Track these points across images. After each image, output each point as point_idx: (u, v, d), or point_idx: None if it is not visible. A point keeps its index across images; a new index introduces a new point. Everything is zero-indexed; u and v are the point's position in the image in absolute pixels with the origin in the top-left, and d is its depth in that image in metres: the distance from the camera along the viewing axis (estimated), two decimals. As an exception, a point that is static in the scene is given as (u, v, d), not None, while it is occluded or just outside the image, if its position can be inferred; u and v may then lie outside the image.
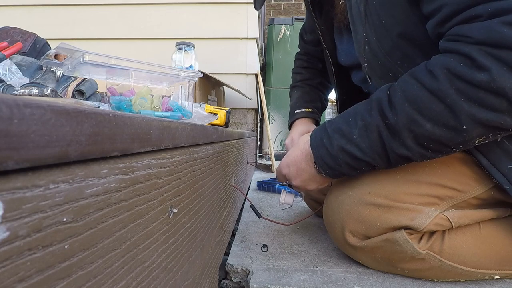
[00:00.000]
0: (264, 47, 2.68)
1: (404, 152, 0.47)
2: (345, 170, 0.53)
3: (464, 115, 0.41)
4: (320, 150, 0.55)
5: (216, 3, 1.87)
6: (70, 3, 1.87)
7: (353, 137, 0.50)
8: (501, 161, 0.49)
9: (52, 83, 0.67)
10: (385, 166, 0.51)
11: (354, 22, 0.58)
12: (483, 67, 0.39)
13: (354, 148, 0.50)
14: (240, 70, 1.91)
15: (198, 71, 0.75)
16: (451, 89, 0.41)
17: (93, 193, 0.17)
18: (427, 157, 0.48)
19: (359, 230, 0.55)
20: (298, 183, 0.63)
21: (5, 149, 0.11)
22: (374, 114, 0.48)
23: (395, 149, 0.47)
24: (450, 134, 0.43)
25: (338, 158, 0.52)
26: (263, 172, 1.74)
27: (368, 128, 0.49)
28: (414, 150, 0.46)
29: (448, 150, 0.46)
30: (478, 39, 0.39)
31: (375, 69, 0.59)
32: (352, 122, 0.51)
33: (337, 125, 0.53)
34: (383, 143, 0.48)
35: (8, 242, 0.11)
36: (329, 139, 0.53)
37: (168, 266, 0.28)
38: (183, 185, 0.32)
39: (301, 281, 0.52)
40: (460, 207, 0.53)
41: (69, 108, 0.14)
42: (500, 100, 0.39)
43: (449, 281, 0.54)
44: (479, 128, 0.42)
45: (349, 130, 0.51)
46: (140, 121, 0.21)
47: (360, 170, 0.53)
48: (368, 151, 0.49)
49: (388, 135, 0.47)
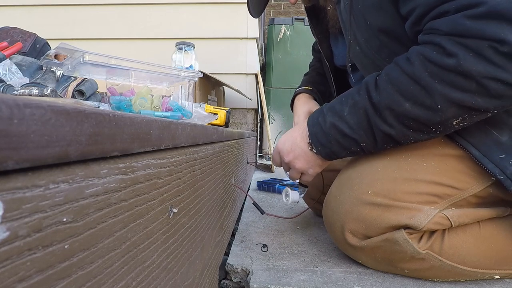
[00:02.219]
0: (264, 47, 2.68)
1: (387, 130, 0.51)
2: (335, 148, 0.57)
3: (438, 95, 0.46)
4: (315, 127, 0.59)
5: (216, 3, 1.87)
6: (70, 3, 1.87)
7: (343, 115, 0.55)
8: (492, 151, 0.50)
9: (52, 83, 0.67)
10: (372, 145, 0.55)
11: (345, 26, 0.63)
12: (452, 54, 0.44)
13: (344, 125, 0.55)
14: (240, 70, 1.91)
15: (198, 71, 0.75)
16: (424, 72, 0.46)
17: (93, 193, 0.17)
18: (410, 137, 0.52)
19: (359, 229, 0.55)
20: (290, 158, 0.65)
21: (5, 149, 0.11)
22: (362, 94, 0.53)
23: (379, 126, 0.52)
24: (427, 113, 0.48)
25: (330, 135, 0.57)
26: (263, 172, 1.74)
27: (356, 105, 0.54)
28: (396, 128, 0.51)
29: (429, 131, 0.50)
30: (446, 31, 0.45)
31: (368, 68, 0.63)
32: (344, 101, 0.56)
33: (332, 104, 0.59)
34: (368, 119, 0.52)
35: (8, 242, 0.11)
36: (323, 117, 0.58)
37: (168, 266, 0.28)
38: (183, 185, 0.32)
39: (301, 281, 0.52)
40: (459, 205, 0.53)
41: (69, 108, 0.14)
42: (469, 82, 0.44)
43: (449, 281, 0.54)
44: (453, 107, 0.46)
45: (341, 108, 0.56)
46: (140, 121, 0.21)
47: (349, 149, 0.57)
48: (355, 128, 0.54)
49: (373, 112, 0.52)
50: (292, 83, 2.44)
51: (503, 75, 0.42)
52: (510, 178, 0.49)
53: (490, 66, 0.42)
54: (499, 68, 0.42)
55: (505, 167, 0.49)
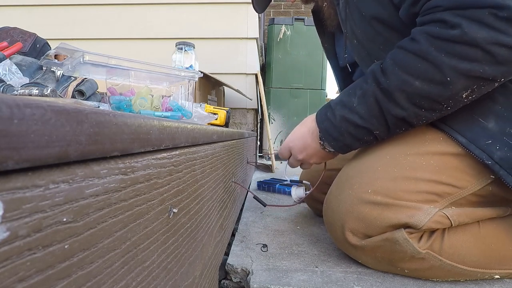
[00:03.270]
0: (264, 47, 2.68)
1: (400, 113, 0.52)
2: (348, 140, 0.58)
3: (447, 68, 0.47)
4: (325, 123, 0.60)
5: (216, 3, 1.86)
6: (70, 3, 1.87)
7: (353, 106, 0.55)
8: (479, 137, 0.51)
9: (52, 83, 0.67)
10: (385, 132, 0.55)
11: (344, 23, 0.65)
12: (455, 25, 0.45)
13: (355, 116, 0.55)
14: (240, 70, 1.91)
15: (198, 71, 0.75)
16: (430, 47, 0.47)
17: (93, 193, 0.17)
18: (422, 117, 0.52)
19: (359, 229, 0.55)
20: (303, 156, 0.67)
21: (5, 149, 0.11)
22: (370, 82, 0.54)
23: (391, 110, 0.52)
24: (437, 88, 0.48)
25: (341, 128, 0.57)
26: (263, 172, 1.74)
27: (365, 94, 0.54)
28: (409, 110, 0.51)
29: (440, 108, 0.51)
30: (446, 6, 0.47)
31: (365, 60, 0.65)
32: (352, 93, 0.57)
33: (339, 98, 0.59)
34: (379, 106, 0.53)
35: (8, 242, 0.11)
36: (332, 111, 0.59)
37: (168, 266, 0.28)
38: (183, 185, 0.32)
39: (301, 281, 0.52)
40: (459, 204, 0.53)
41: (69, 108, 0.14)
42: (475, 50, 0.45)
43: (449, 281, 0.54)
44: (462, 79, 0.47)
45: (349, 100, 0.56)
46: (140, 121, 0.21)
47: (362, 140, 0.57)
48: (367, 117, 0.54)
49: (383, 98, 0.52)
50: (292, 83, 2.44)
51: (506, 39, 0.43)
52: (498, 163, 0.49)
53: (492, 32, 0.44)
54: (501, 33, 0.43)
55: (492, 152, 0.50)
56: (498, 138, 0.50)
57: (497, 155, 0.49)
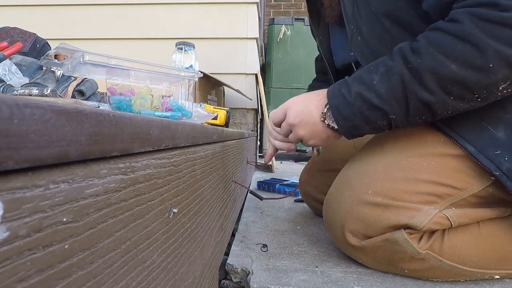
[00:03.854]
0: (264, 47, 2.68)
1: (427, 97, 0.47)
2: (359, 121, 0.52)
3: (491, 52, 0.42)
4: (337, 98, 0.53)
5: (216, 3, 1.87)
6: (70, 3, 1.87)
7: (372, 83, 0.50)
8: (488, 147, 0.50)
9: (52, 83, 0.67)
10: (402, 116, 0.50)
11: (348, 18, 0.62)
12: (509, 8, 0.41)
13: (373, 95, 0.50)
14: (240, 70, 1.91)
15: (198, 71, 0.75)
16: (475, 29, 0.43)
17: (93, 193, 0.17)
18: (449, 105, 0.48)
19: (359, 229, 0.55)
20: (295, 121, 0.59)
21: (5, 149, 0.11)
22: (397, 59, 0.49)
23: (417, 93, 0.47)
24: (475, 75, 0.44)
25: (355, 106, 0.51)
26: (263, 172, 1.74)
27: (389, 71, 0.49)
28: (437, 94, 0.47)
29: (471, 98, 0.47)
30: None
31: (368, 58, 0.61)
32: (374, 69, 0.51)
33: (358, 74, 0.53)
34: (404, 86, 0.48)
35: (8, 242, 0.11)
36: (348, 87, 0.53)
37: (168, 266, 0.28)
38: (183, 185, 0.32)
39: (301, 281, 0.53)
40: (459, 205, 0.53)
41: (69, 108, 0.14)
42: None
43: (449, 281, 0.54)
44: (505, 67, 0.43)
45: (369, 76, 0.51)
46: (140, 121, 0.21)
47: (374, 124, 0.52)
48: (387, 97, 0.49)
49: (410, 77, 0.47)
50: (292, 83, 2.44)
51: None
52: (506, 174, 0.48)
53: None
54: None
55: (501, 163, 0.49)
56: (507, 149, 0.49)
57: (506, 166, 0.48)
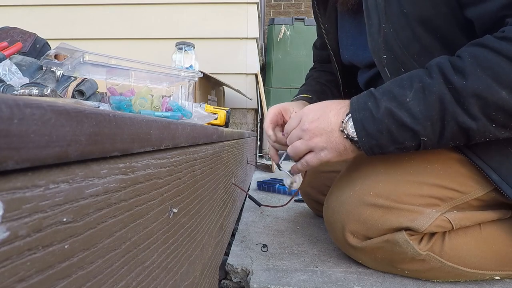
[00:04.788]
0: (264, 47, 2.68)
1: (467, 122, 0.43)
2: (385, 140, 0.47)
3: None
4: (362, 112, 0.48)
5: (216, 3, 1.87)
6: (70, 3, 1.87)
7: (405, 100, 0.45)
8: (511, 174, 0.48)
9: (52, 83, 0.67)
10: (435, 140, 0.46)
11: (370, 14, 0.55)
12: None
13: (404, 114, 0.45)
14: (240, 70, 1.91)
15: (198, 71, 0.75)
16: None
17: (93, 193, 0.16)
18: (489, 133, 0.44)
19: (360, 230, 0.55)
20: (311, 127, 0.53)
21: (5, 149, 0.11)
22: (436, 77, 0.44)
23: (458, 117, 0.43)
24: None
25: (383, 123, 0.46)
26: (263, 172, 1.74)
27: (426, 89, 0.44)
28: (480, 121, 0.43)
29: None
30: None
31: (387, 65, 0.56)
32: (407, 84, 0.46)
33: (388, 88, 0.48)
34: (443, 107, 0.43)
35: (8, 242, 0.11)
36: (376, 102, 0.47)
37: (168, 266, 0.28)
38: (183, 185, 0.32)
39: (301, 281, 0.52)
40: (461, 208, 0.53)
41: (69, 108, 0.14)
42: None
43: (449, 282, 0.54)
44: None
45: (402, 92, 0.46)
46: (140, 121, 0.21)
47: (401, 144, 0.47)
48: (421, 117, 0.44)
49: (451, 100, 0.43)
50: (292, 83, 2.44)
51: None
52: None
53: None
54: None
55: None
56: None
57: None
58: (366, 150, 0.50)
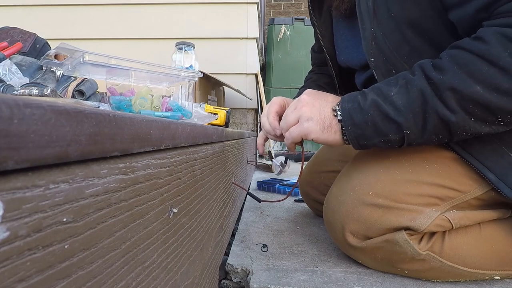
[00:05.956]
0: (264, 47, 2.68)
1: (447, 115, 0.45)
2: (369, 131, 0.49)
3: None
4: (350, 103, 0.51)
5: (216, 3, 1.87)
6: (70, 3, 1.87)
7: (390, 95, 0.48)
8: (508, 175, 0.49)
9: (52, 83, 0.67)
10: (418, 133, 0.48)
11: (363, 18, 0.57)
12: None
13: (389, 106, 0.48)
14: (240, 70, 1.91)
15: (198, 71, 0.75)
16: (504, 52, 0.41)
17: (93, 193, 0.16)
18: (469, 127, 0.45)
19: (360, 230, 0.55)
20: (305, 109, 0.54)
21: (5, 149, 0.11)
22: (418, 74, 0.47)
23: (438, 109, 0.45)
24: (501, 99, 0.42)
25: (368, 114, 0.49)
26: (263, 172, 1.74)
27: (409, 84, 0.47)
28: (458, 114, 0.44)
29: (493, 121, 0.45)
30: None
31: (380, 66, 0.57)
32: (393, 82, 0.49)
33: (376, 86, 0.51)
34: (423, 100, 0.46)
35: (8, 242, 0.11)
36: (364, 95, 0.50)
37: (168, 266, 0.28)
38: (183, 185, 0.32)
39: (301, 281, 0.52)
40: (460, 207, 0.53)
41: (69, 108, 0.14)
42: None
43: (449, 282, 0.54)
44: None
45: (387, 88, 0.49)
46: (140, 121, 0.21)
47: (385, 137, 0.49)
48: (403, 109, 0.47)
49: (431, 93, 0.45)
50: (292, 83, 2.44)
51: None
52: None
53: None
54: None
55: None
56: None
57: None
58: (351, 140, 0.52)
